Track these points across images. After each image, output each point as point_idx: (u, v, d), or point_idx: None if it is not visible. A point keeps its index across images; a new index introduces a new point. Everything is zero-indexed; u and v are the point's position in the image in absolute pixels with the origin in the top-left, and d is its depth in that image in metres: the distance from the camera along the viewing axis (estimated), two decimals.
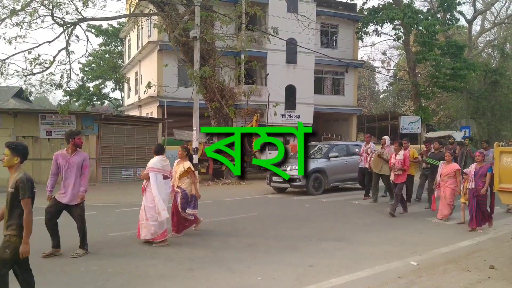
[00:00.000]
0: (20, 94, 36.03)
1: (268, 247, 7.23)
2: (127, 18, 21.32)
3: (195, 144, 16.12)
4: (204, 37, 15.54)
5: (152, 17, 18.27)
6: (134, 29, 25.07)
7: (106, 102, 44.16)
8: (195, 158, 16.19)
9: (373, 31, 29.35)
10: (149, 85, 15.78)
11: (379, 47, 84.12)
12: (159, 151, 7.53)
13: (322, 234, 8.22)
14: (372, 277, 5.71)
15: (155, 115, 24.35)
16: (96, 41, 44.15)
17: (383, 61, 40.44)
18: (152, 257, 6.60)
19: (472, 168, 8.67)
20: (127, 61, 33.75)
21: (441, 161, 9.94)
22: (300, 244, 7.45)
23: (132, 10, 23.41)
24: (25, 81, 15.76)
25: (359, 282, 5.50)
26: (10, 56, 14.64)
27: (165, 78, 22.05)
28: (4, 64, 14.61)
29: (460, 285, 5.41)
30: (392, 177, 10.37)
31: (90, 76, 37.35)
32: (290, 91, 26.15)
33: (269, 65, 25.02)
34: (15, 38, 14.19)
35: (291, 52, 25.79)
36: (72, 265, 6.11)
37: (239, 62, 19.57)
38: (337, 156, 14.34)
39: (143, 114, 27.51)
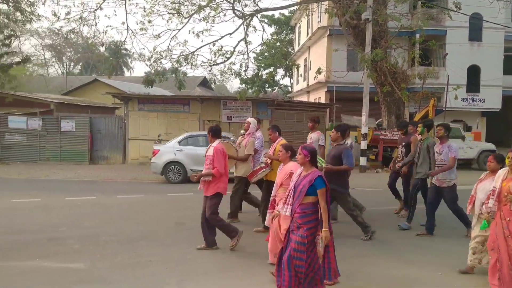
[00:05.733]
0: (204, 83, 40.41)
1: (443, 239, 6.71)
2: (299, 5, 21.83)
3: (364, 129, 15.79)
4: (377, 19, 14.97)
5: (322, 3, 18.35)
6: (305, 16, 25.55)
7: (276, 88, 46.36)
8: (363, 144, 15.87)
9: None
10: (319, 71, 15.94)
11: None
12: None
13: None
14: None
15: (322, 101, 24.60)
16: (268, 31, 46.79)
17: None
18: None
19: (294, 178, 4.61)
20: (296, 48, 34.74)
21: (323, 163, 6.50)
22: None
23: None
24: (210, 70, 17.56)
25: None
26: (198, 49, 16.41)
27: (334, 63, 22.02)
28: (193, 56, 16.45)
29: None
30: (200, 186, 6.11)
31: (262, 65, 39.63)
32: (473, 72, 23.54)
33: (449, 44, 22.90)
34: (202, 32, 15.85)
35: (475, 29, 23.14)
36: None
37: (414, 42, 18.32)
38: None
39: (311, 100, 28.06)
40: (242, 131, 8.00)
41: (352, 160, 6.67)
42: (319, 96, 26.39)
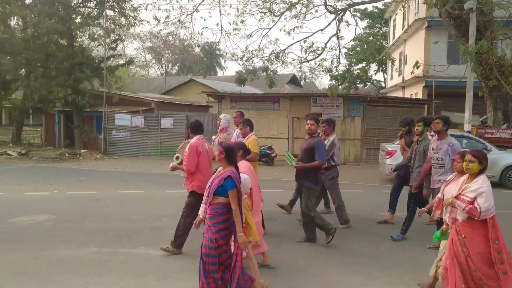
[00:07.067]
0: (293, 80, 40.52)
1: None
2: None
3: (467, 127, 14.70)
4: (482, 8, 13.85)
5: None
6: (401, 8, 24.45)
7: (368, 84, 44.92)
8: None
9: None
10: (416, 65, 15.19)
11: None
12: None
13: None
14: None
15: (419, 96, 23.32)
16: (361, 25, 45.38)
17: None
18: (420, 242, 6.41)
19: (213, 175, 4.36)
20: (391, 42, 33.35)
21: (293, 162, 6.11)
22: None
23: None
24: (300, 68, 17.55)
25: None
26: (288, 46, 16.52)
27: (432, 56, 20.72)
28: (284, 54, 16.57)
29: None
30: (184, 183, 6.18)
31: (354, 60, 38.66)
32: None
33: None
34: (293, 29, 15.89)
35: None
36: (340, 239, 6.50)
37: None
38: None
39: (406, 96, 26.76)
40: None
41: (325, 155, 6.04)
42: (416, 92, 25.07)
